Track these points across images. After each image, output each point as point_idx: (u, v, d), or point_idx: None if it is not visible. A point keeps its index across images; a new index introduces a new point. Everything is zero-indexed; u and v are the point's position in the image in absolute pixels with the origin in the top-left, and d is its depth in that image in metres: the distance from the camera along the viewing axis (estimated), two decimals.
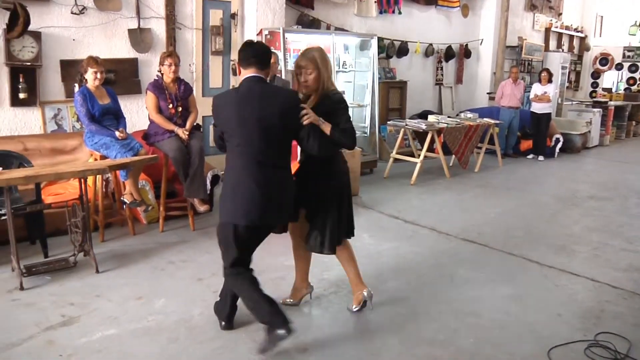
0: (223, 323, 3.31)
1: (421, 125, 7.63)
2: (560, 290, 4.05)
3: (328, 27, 8.13)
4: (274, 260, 4.26)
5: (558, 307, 3.74)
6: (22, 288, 3.76)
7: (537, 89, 9.53)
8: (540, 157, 9.51)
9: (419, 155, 7.60)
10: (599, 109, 11.43)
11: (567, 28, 14.14)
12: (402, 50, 9.50)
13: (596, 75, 14.99)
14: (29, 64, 5.38)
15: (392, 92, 8.96)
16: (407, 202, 6.42)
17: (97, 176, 4.75)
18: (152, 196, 5.18)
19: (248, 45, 3.10)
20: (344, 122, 3.17)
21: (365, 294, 3.53)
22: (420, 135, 8.15)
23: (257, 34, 6.85)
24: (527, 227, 5.58)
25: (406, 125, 7.78)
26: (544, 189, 7.36)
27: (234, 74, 7.08)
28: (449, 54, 10.58)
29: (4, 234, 3.92)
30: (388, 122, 8.27)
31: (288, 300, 3.62)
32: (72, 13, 5.61)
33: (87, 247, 4.16)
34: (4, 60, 5.26)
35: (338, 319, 3.49)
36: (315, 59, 3.14)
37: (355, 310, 3.54)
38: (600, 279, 4.25)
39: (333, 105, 3.18)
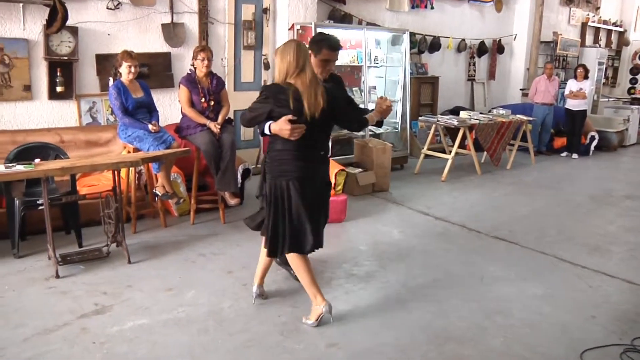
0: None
1: (453, 121, 7.55)
2: (594, 291, 3.96)
3: (360, 22, 8.09)
4: None
5: (591, 308, 3.66)
6: (57, 276, 3.86)
7: (572, 85, 9.32)
8: (575, 155, 9.31)
9: (450, 152, 7.52)
10: (637, 106, 11.13)
11: (605, 22, 13.75)
12: (434, 45, 9.39)
13: (635, 71, 14.55)
14: (66, 58, 5.50)
15: (423, 87, 8.87)
16: (437, 198, 6.36)
17: (130, 168, 4.83)
18: (183, 189, 5.25)
19: None
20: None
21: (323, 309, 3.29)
22: (451, 132, 8.06)
23: (289, 29, 6.86)
24: (559, 226, 5.48)
25: (438, 121, 7.71)
26: (578, 188, 7.21)
27: (266, 68, 7.11)
28: (481, 49, 10.42)
29: (41, 223, 4.02)
30: (419, 118, 8.20)
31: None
32: (107, 8, 5.72)
33: (120, 237, 4.24)
34: (43, 55, 5.39)
35: (366, 315, 3.49)
36: (276, 52, 3.18)
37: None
38: (637, 281, 4.14)
39: None
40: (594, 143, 9.64)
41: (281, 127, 3.02)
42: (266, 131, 3.10)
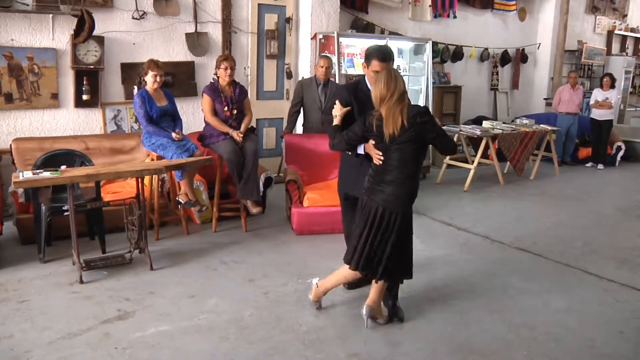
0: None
1: (476, 131, 7.49)
2: (621, 305, 3.87)
3: (382, 31, 8.09)
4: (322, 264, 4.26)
5: (619, 324, 3.57)
6: (81, 281, 3.91)
7: (597, 94, 9.18)
8: (600, 166, 9.16)
9: (473, 162, 7.46)
10: None
11: (632, 30, 13.54)
12: (457, 54, 9.35)
13: None
14: (92, 67, 5.61)
15: (446, 97, 8.82)
16: (460, 208, 6.30)
17: (154, 176, 4.88)
18: (206, 197, 5.27)
19: None
20: None
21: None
22: (474, 141, 8.00)
23: (312, 38, 6.89)
24: (585, 238, 5.37)
25: (460, 130, 7.65)
26: (604, 199, 7.08)
27: (288, 77, 7.14)
28: (504, 58, 10.34)
29: (67, 229, 4.08)
30: (442, 127, 8.14)
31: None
32: (133, 18, 5.81)
33: (143, 244, 4.28)
34: (70, 64, 5.50)
35: (387, 325, 3.45)
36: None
37: None
38: None
39: None
40: (621, 153, 9.47)
41: (369, 148, 3.30)
42: (360, 151, 3.38)
